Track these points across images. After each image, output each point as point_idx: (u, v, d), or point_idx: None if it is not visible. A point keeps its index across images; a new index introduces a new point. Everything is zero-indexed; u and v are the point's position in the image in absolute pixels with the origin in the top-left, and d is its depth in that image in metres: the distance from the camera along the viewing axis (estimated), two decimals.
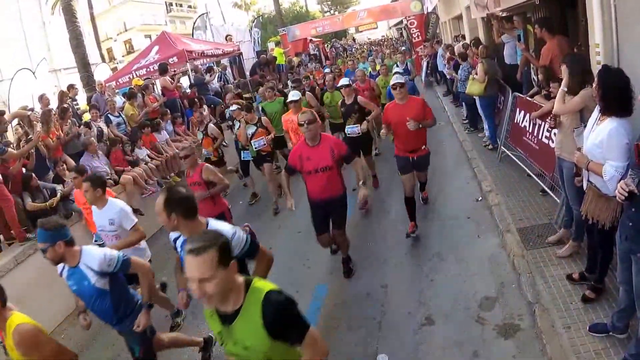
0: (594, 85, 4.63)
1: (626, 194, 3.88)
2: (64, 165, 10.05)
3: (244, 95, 19.60)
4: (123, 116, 13.50)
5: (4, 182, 8.61)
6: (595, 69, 5.97)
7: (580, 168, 4.98)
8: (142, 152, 12.34)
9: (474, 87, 11.33)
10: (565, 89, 5.88)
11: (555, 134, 7.19)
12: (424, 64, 24.65)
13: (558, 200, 7.55)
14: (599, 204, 4.82)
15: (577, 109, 5.68)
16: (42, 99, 12.50)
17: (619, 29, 6.61)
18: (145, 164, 12.04)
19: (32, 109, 11.86)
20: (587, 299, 5.47)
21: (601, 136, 4.50)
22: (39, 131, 10.07)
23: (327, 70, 18.09)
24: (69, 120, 11.48)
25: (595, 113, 4.80)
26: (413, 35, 29.44)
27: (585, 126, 5.32)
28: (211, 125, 11.89)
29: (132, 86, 15.93)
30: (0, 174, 8.63)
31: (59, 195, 9.25)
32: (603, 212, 4.78)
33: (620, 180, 4.08)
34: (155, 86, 17.19)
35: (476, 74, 11.18)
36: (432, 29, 28.54)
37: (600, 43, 6.92)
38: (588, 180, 4.99)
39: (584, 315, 5.30)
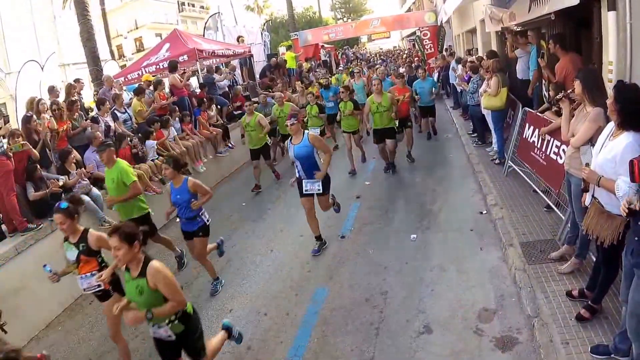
0: (609, 100, 4.57)
1: (627, 211, 3.86)
2: (73, 155, 10.02)
3: (252, 98, 19.66)
4: (130, 112, 13.47)
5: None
6: (608, 86, 5.94)
7: (588, 184, 4.92)
8: (152, 143, 12.27)
9: (493, 101, 11.26)
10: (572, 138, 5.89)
11: (564, 150, 7.17)
12: (435, 76, 24.68)
13: (563, 217, 7.51)
14: (601, 221, 4.78)
15: (592, 133, 5.59)
16: (52, 91, 12.48)
17: (633, 48, 6.60)
18: (151, 160, 12.00)
19: (40, 99, 11.79)
20: (582, 318, 5.42)
21: (615, 151, 4.42)
22: (48, 119, 10.12)
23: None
24: (77, 113, 11.46)
25: (608, 129, 4.75)
26: (426, 46, 29.48)
27: (591, 144, 5.28)
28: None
29: (142, 82, 15.89)
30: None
31: (60, 182, 9.21)
32: (604, 229, 4.73)
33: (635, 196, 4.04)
34: (164, 84, 17.19)
35: (489, 87, 11.13)
36: (441, 42, 28.70)
37: (613, 61, 6.92)
38: (592, 196, 4.94)
39: (582, 332, 5.25)
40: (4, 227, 8.76)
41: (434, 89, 16.01)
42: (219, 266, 8.72)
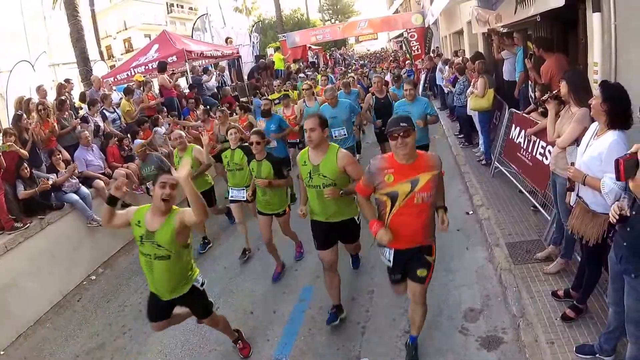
0: (595, 101, 4.59)
1: (617, 217, 3.89)
2: (60, 155, 10.00)
3: (240, 99, 19.64)
4: (118, 112, 13.47)
5: None
6: (593, 87, 5.98)
7: (574, 183, 4.96)
8: (140, 142, 12.22)
9: (480, 102, 11.29)
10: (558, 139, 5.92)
11: (550, 151, 7.22)
12: (422, 77, 24.74)
13: (549, 217, 7.55)
14: (585, 220, 4.81)
15: (578, 133, 5.61)
16: (39, 90, 12.45)
17: (618, 49, 6.66)
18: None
19: (29, 99, 11.75)
20: (567, 317, 5.45)
21: (600, 149, 4.46)
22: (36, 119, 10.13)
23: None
24: (67, 113, 11.45)
25: (592, 128, 4.79)
26: (413, 48, 29.61)
27: (577, 144, 5.32)
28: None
29: (133, 82, 15.91)
30: None
31: (50, 181, 9.19)
32: (589, 229, 4.77)
33: (619, 195, 4.07)
34: (153, 84, 17.19)
35: (475, 88, 11.18)
36: (428, 43, 28.87)
37: (598, 62, 6.98)
38: (577, 195, 4.98)
39: (568, 332, 5.28)
40: None
41: (428, 116, 9.85)
42: (206, 265, 8.73)
